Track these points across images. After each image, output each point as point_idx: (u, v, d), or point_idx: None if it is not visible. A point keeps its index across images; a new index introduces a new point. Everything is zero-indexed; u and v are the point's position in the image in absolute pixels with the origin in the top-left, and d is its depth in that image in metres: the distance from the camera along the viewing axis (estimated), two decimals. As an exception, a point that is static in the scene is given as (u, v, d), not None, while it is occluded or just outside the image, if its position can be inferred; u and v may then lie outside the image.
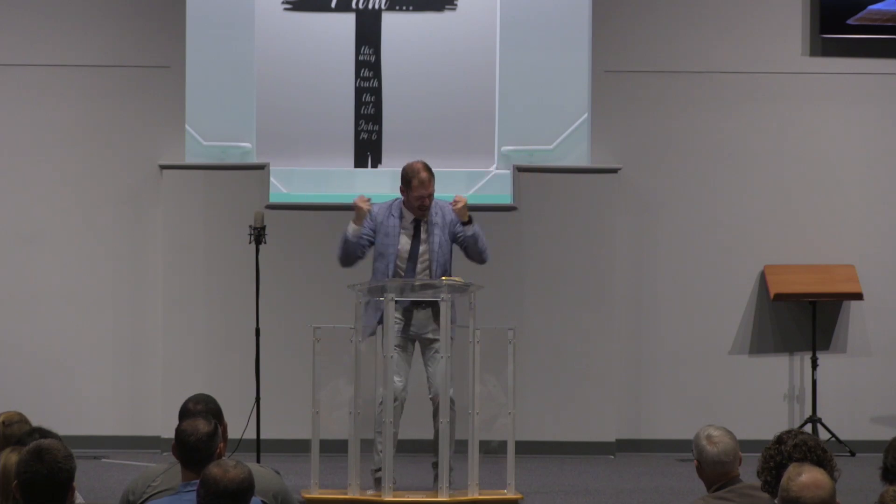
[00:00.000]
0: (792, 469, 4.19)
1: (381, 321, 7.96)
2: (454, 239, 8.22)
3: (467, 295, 7.89)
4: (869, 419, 10.85)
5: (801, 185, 10.94)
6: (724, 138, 10.92)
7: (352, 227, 8.13)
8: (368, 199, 8.19)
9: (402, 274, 8.10)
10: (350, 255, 8.19)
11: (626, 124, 10.87)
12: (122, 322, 10.69)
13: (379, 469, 7.90)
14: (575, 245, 10.67)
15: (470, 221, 8.19)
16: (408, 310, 8.12)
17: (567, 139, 10.92)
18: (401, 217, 8.18)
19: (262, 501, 4.80)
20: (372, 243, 8.20)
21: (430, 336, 8.10)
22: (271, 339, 9.89)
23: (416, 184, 8.11)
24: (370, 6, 10.90)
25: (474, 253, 8.25)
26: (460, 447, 7.90)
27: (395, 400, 7.95)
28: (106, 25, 10.73)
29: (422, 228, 8.17)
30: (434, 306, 7.98)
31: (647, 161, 10.89)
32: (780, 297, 10.67)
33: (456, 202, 8.16)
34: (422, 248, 8.16)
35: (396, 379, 7.96)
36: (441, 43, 10.93)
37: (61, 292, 10.68)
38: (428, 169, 8.15)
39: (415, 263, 8.15)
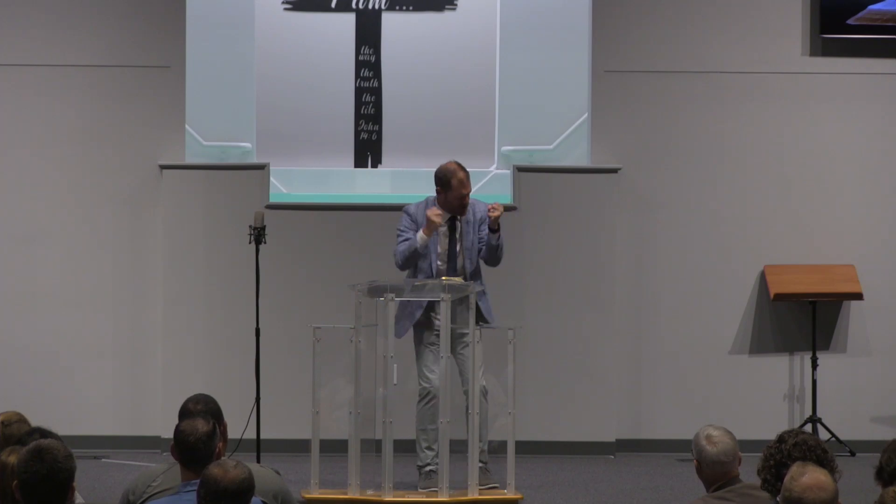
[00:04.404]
0: (795, 469, 4.18)
1: (417, 322, 8.22)
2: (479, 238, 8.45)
3: (468, 295, 7.95)
4: (869, 419, 10.85)
5: (802, 185, 10.93)
6: (724, 138, 10.91)
7: (422, 238, 8.29)
8: (440, 213, 8.31)
9: (444, 271, 8.30)
10: (413, 261, 8.37)
11: (626, 124, 10.87)
12: (122, 322, 10.68)
13: (426, 465, 8.07)
14: (575, 245, 10.67)
15: (499, 229, 8.31)
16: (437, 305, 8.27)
17: (567, 139, 10.91)
18: None
19: (263, 501, 4.80)
20: None
21: (460, 330, 8.17)
22: (271, 339, 9.89)
23: (455, 184, 8.35)
24: (370, 6, 10.89)
25: (492, 257, 8.49)
26: (462, 447, 7.89)
27: (434, 397, 8.08)
28: (106, 25, 10.72)
29: (457, 228, 8.36)
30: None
31: (647, 161, 10.88)
32: (780, 297, 10.66)
33: (494, 209, 8.32)
34: (458, 246, 8.37)
35: (430, 375, 8.11)
36: (441, 43, 10.92)
37: (61, 292, 10.67)
38: (464, 168, 8.42)
39: (454, 261, 8.34)
